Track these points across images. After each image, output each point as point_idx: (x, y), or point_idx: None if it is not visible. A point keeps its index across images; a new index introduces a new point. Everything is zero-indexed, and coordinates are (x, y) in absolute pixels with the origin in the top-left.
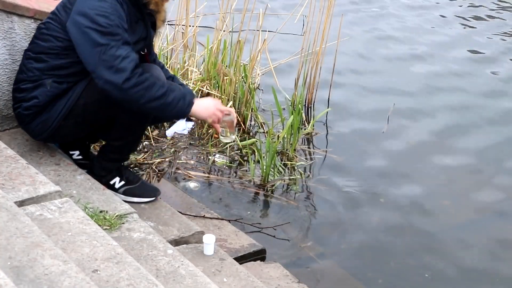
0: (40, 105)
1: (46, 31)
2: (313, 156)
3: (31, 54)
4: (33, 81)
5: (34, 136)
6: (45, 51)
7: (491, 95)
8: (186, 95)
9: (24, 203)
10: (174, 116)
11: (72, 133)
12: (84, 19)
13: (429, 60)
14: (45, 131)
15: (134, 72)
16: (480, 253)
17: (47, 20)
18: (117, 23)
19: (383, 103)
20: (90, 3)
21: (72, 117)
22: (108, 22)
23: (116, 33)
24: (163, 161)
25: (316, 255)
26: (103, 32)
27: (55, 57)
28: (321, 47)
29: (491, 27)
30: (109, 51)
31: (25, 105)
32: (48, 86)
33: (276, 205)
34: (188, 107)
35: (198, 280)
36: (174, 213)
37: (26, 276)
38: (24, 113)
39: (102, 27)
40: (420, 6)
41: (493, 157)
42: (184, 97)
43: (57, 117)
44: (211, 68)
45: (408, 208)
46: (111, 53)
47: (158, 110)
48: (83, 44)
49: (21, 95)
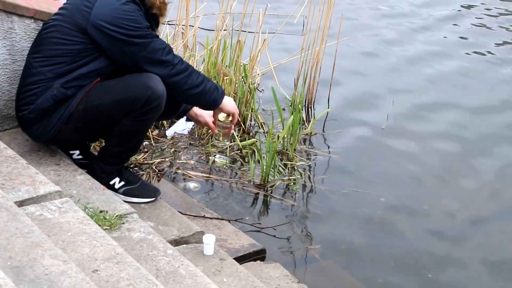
0: (44, 108)
1: (59, 34)
2: (313, 156)
3: (41, 57)
4: (43, 85)
5: (34, 139)
6: (60, 54)
7: (493, 93)
8: (218, 86)
9: (24, 203)
10: (207, 104)
11: (71, 137)
12: (112, 25)
13: (429, 59)
14: (45, 135)
15: (176, 61)
16: (480, 253)
17: (58, 23)
18: (143, 24)
19: (383, 103)
20: (114, 7)
21: (71, 122)
22: (136, 26)
23: (147, 33)
24: (163, 161)
25: (316, 255)
26: (133, 35)
27: (71, 60)
28: (321, 47)
29: (496, 32)
30: (147, 48)
31: (31, 108)
32: (55, 91)
33: (276, 205)
34: (221, 97)
35: (198, 280)
36: (174, 213)
37: (26, 276)
38: (29, 116)
39: (132, 30)
40: (422, 4)
41: (496, 156)
42: (217, 88)
43: (57, 122)
44: (211, 68)
45: (408, 207)
46: (150, 49)
47: (196, 96)
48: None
49: (30, 98)
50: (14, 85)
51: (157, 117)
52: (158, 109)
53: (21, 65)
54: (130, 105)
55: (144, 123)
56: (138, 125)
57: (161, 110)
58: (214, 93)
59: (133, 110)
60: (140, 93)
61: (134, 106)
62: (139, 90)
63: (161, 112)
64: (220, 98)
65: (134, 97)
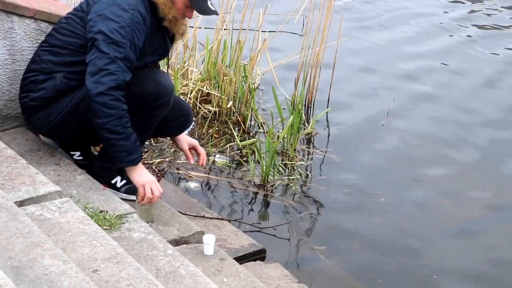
0: (47, 97)
1: (66, 25)
2: (313, 156)
3: (46, 46)
4: (45, 73)
5: (35, 128)
6: (62, 45)
7: (495, 92)
8: (133, 152)
9: (24, 203)
10: (112, 156)
11: (72, 131)
12: (101, 21)
13: (429, 58)
14: (46, 125)
15: (110, 92)
16: (480, 253)
17: (70, 15)
18: (129, 37)
19: (383, 103)
20: (112, 8)
21: (75, 115)
22: (121, 32)
23: (122, 46)
24: (163, 161)
25: (316, 255)
26: (110, 39)
27: (71, 53)
28: (321, 47)
29: (489, 34)
30: (102, 60)
31: (32, 95)
32: (58, 81)
33: (276, 205)
34: (125, 163)
35: (198, 280)
36: (174, 213)
37: (26, 276)
38: (30, 104)
39: (112, 33)
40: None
41: (497, 155)
42: (130, 153)
43: (60, 113)
44: (211, 68)
45: (408, 207)
46: (102, 63)
47: (105, 140)
48: (90, 42)
49: (30, 85)
50: (14, 85)
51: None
52: (167, 105)
53: (21, 65)
54: (140, 100)
55: (152, 118)
56: (147, 120)
57: (169, 106)
58: (121, 153)
59: (142, 105)
60: (150, 88)
61: (143, 101)
62: (150, 85)
63: (169, 108)
64: (124, 163)
65: (144, 92)
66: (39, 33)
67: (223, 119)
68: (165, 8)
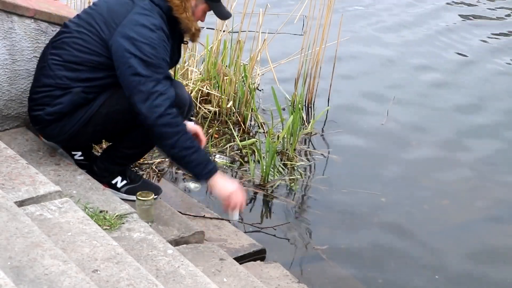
0: (64, 112)
1: (81, 41)
2: (313, 156)
3: (60, 61)
4: (61, 89)
5: (47, 138)
6: (79, 62)
7: (497, 93)
8: (209, 162)
9: (24, 203)
10: (191, 174)
11: (87, 139)
12: (130, 44)
13: (429, 57)
14: (60, 135)
15: (169, 111)
16: (480, 254)
17: (82, 30)
18: (163, 56)
19: (383, 103)
20: (139, 29)
21: (91, 125)
22: (154, 53)
23: (159, 66)
24: (163, 161)
25: (316, 255)
26: (147, 62)
27: (91, 70)
28: (321, 47)
29: (487, 25)
30: (148, 84)
31: (49, 110)
32: (76, 96)
33: (276, 205)
34: (206, 175)
35: (198, 280)
36: (174, 213)
37: (26, 276)
38: (45, 118)
39: (147, 57)
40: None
41: (497, 155)
42: (206, 164)
43: (76, 124)
44: (211, 68)
45: (408, 207)
46: (149, 87)
47: (179, 159)
48: (124, 69)
49: (45, 99)
50: (14, 85)
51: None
52: (182, 116)
53: (21, 65)
54: None
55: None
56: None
57: (183, 117)
58: (198, 166)
59: None
60: None
61: None
62: None
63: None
64: (206, 175)
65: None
66: (39, 33)
67: (223, 119)
68: (189, 22)
